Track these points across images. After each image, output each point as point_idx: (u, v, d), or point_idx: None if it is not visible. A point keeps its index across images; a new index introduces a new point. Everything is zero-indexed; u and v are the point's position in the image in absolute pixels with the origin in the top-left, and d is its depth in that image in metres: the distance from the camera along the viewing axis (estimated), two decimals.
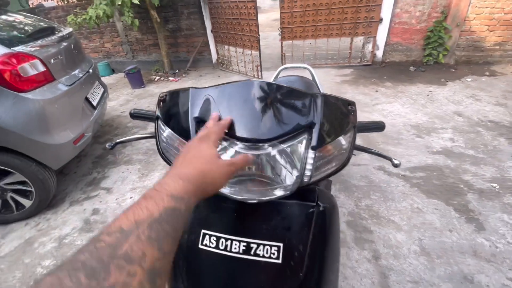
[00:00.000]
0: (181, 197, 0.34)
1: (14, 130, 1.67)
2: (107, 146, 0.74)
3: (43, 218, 2.02)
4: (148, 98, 4.21)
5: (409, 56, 4.33)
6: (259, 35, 4.00)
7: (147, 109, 0.78)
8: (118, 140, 0.74)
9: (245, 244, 0.54)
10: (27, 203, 1.96)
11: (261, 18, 9.04)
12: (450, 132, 2.51)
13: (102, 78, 5.64)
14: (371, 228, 1.64)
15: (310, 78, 1.74)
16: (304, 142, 0.51)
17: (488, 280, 1.29)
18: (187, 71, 5.22)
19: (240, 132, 0.50)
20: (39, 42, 1.99)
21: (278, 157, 0.52)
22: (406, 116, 2.87)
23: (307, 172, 0.52)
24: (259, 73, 4.27)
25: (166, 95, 0.60)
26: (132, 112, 0.74)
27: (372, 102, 3.28)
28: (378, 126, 0.68)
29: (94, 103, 2.40)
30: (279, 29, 4.50)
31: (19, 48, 1.77)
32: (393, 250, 1.50)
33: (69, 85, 2.06)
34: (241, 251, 0.54)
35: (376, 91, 3.57)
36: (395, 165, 0.67)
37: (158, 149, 0.59)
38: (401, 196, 1.86)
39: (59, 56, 2.09)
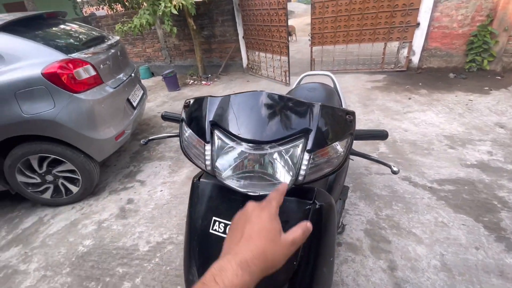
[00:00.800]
0: None
1: (68, 125, 1.94)
2: (141, 142, 0.88)
3: (86, 204, 2.29)
4: (182, 101, 4.49)
5: (449, 62, 4.08)
6: (288, 41, 4.08)
7: (176, 112, 0.91)
8: (151, 138, 0.87)
9: None
10: (74, 189, 2.24)
11: (294, 22, 9.09)
12: (489, 144, 2.34)
13: (143, 81, 6.09)
14: (389, 238, 1.62)
15: (332, 85, 1.77)
16: (300, 145, 0.58)
17: None
18: (219, 76, 5.47)
19: (245, 134, 0.58)
20: (91, 49, 2.28)
21: (277, 157, 0.59)
22: (439, 126, 2.73)
23: (302, 172, 0.58)
24: (287, 78, 4.33)
25: (190, 101, 0.71)
26: (163, 114, 0.87)
27: (403, 110, 3.16)
28: (380, 135, 0.72)
29: (134, 104, 2.66)
30: (310, 34, 4.53)
31: (75, 55, 2.05)
32: (411, 263, 1.46)
33: (114, 88, 2.32)
34: None
35: (409, 99, 3.42)
36: (394, 172, 0.71)
37: (181, 147, 0.70)
38: (426, 208, 1.79)
39: (108, 61, 2.36)
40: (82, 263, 1.74)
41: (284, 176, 0.59)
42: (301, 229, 0.41)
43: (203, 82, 5.18)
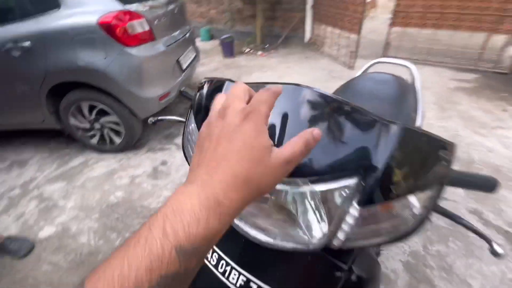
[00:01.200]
0: (195, 247, 0.22)
1: (115, 79, 1.95)
2: (149, 121, 0.75)
3: (126, 156, 2.40)
4: (233, 69, 4.35)
5: None
6: (363, 16, 3.50)
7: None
8: (160, 118, 0.74)
9: (244, 279, 0.45)
10: (117, 140, 2.35)
11: None
12: None
13: (202, 43, 6.05)
14: (434, 282, 1.32)
15: (410, 79, 1.39)
16: (349, 190, 0.36)
17: None
18: (277, 48, 5.12)
19: None
20: (149, 2, 2.20)
21: (307, 198, 0.38)
22: None
23: (340, 235, 0.37)
24: (352, 61, 3.81)
25: (204, 82, 0.53)
26: (181, 90, 0.71)
27: (492, 124, 2.52)
28: (485, 184, 0.42)
29: (183, 66, 2.59)
30: (391, 12, 3.83)
31: (132, 7, 1.99)
32: None
33: (166, 46, 2.26)
34: (238, 285, 0.45)
35: (504, 110, 2.72)
36: (495, 254, 0.44)
37: (182, 141, 0.54)
38: (493, 257, 1.41)
39: (163, 18, 2.28)
40: (110, 213, 1.83)
41: (313, 228, 0.39)
42: (303, 140, 0.27)
43: (259, 53, 4.91)
